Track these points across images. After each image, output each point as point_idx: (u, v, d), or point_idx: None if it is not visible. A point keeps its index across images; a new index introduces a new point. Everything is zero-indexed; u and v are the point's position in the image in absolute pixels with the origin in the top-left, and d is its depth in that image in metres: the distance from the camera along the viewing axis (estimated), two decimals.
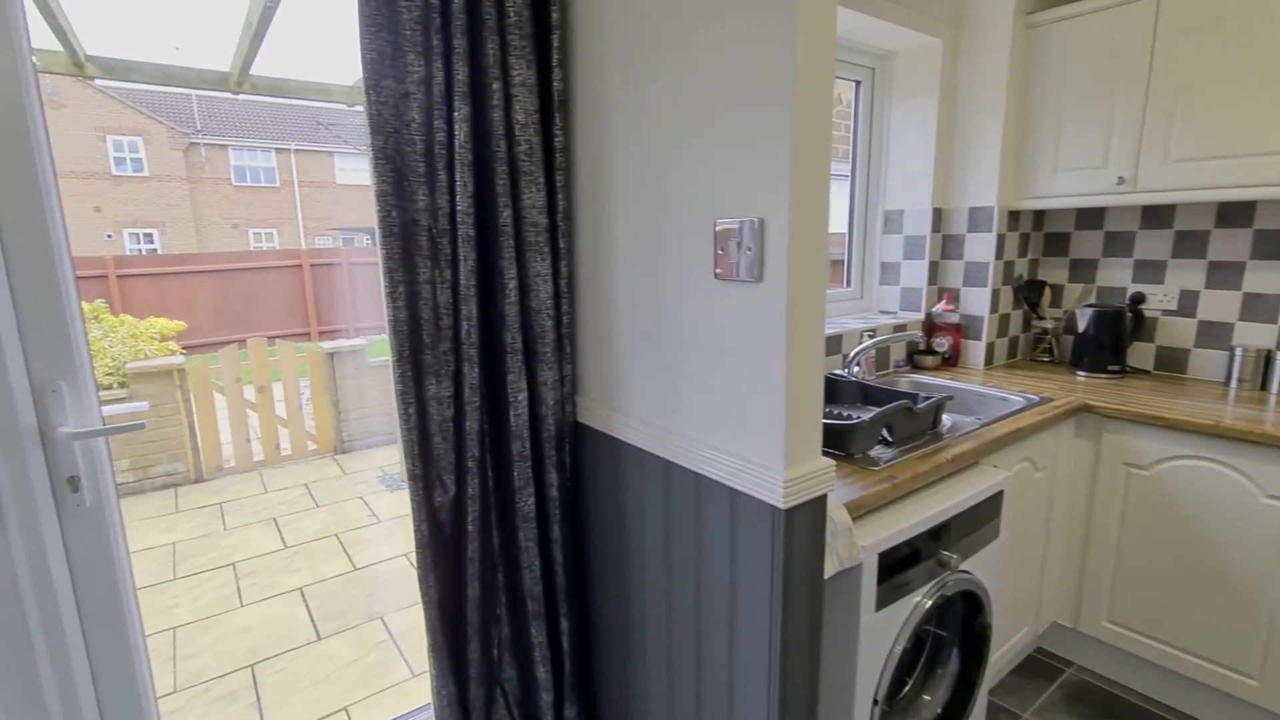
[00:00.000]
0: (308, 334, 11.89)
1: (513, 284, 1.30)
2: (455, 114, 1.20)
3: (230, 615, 2.81)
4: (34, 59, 1.13)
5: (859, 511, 1.27)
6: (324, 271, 11.94)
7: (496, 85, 1.22)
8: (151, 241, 16.94)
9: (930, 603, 1.37)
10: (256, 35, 2.55)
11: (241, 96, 3.48)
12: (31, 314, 1.15)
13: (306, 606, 2.86)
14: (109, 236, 16.33)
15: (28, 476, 1.17)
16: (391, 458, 4.82)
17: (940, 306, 2.46)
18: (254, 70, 3.38)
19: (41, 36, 2.99)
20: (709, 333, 1.10)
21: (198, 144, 17.76)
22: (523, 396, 1.34)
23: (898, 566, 1.29)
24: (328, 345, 4.88)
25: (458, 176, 1.22)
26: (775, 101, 0.91)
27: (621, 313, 1.30)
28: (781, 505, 0.99)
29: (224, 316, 10.93)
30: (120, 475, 4.17)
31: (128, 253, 16.17)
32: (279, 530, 3.65)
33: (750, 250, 0.98)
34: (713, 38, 1.00)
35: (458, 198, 1.23)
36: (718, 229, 1.04)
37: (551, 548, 1.45)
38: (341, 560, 3.27)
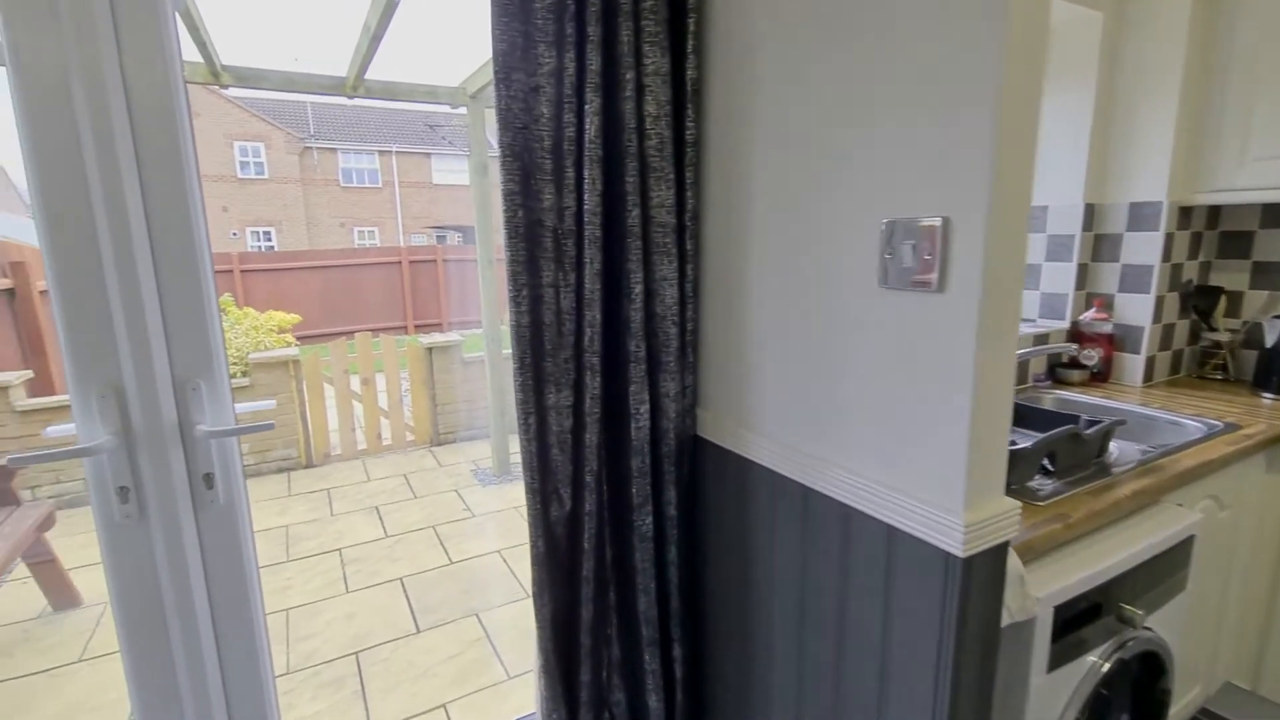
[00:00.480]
0: (404, 327, 12.48)
1: (639, 288, 1.21)
2: (586, 107, 1.13)
3: (337, 600, 2.91)
4: (183, 70, 1.14)
5: (1027, 555, 1.10)
6: (420, 268, 12.49)
7: (629, 75, 1.14)
8: (270, 239, 18.37)
9: (1108, 666, 1.17)
10: (375, 37, 2.61)
11: (355, 100, 3.61)
12: (176, 314, 1.17)
13: (406, 597, 2.92)
14: (234, 234, 17.83)
15: (169, 472, 1.20)
16: (483, 452, 4.92)
17: (1089, 315, 2.19)
18: (367, 75, 3.50)
19: (186, 49, 3.22)
20: (869, 349, 0.97)
21: (311, 148, 19.07)
22: (645, 409, 1.26)
23: (1075, 622, 1.11)
24: (426, 340, 5.04)
25: (586, 174, 1.15)
26: (973, 74, 0.77)
27: (756, 321, 1.19)
28: (959, 553, 0.85)
29: (331, 309, 11.64)
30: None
31: (249, 249, 17.58)
32: (380, 519, 3.78)
33: (929, 255, 0.84)
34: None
35: (585, 196, 1.16)
36: (886, 229, 0.91)
37: (667, 569, 1.36)
38: (438, 553, 3.34)
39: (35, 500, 2.83)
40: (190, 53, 3.21)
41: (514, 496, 4.07)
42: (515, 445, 4.79)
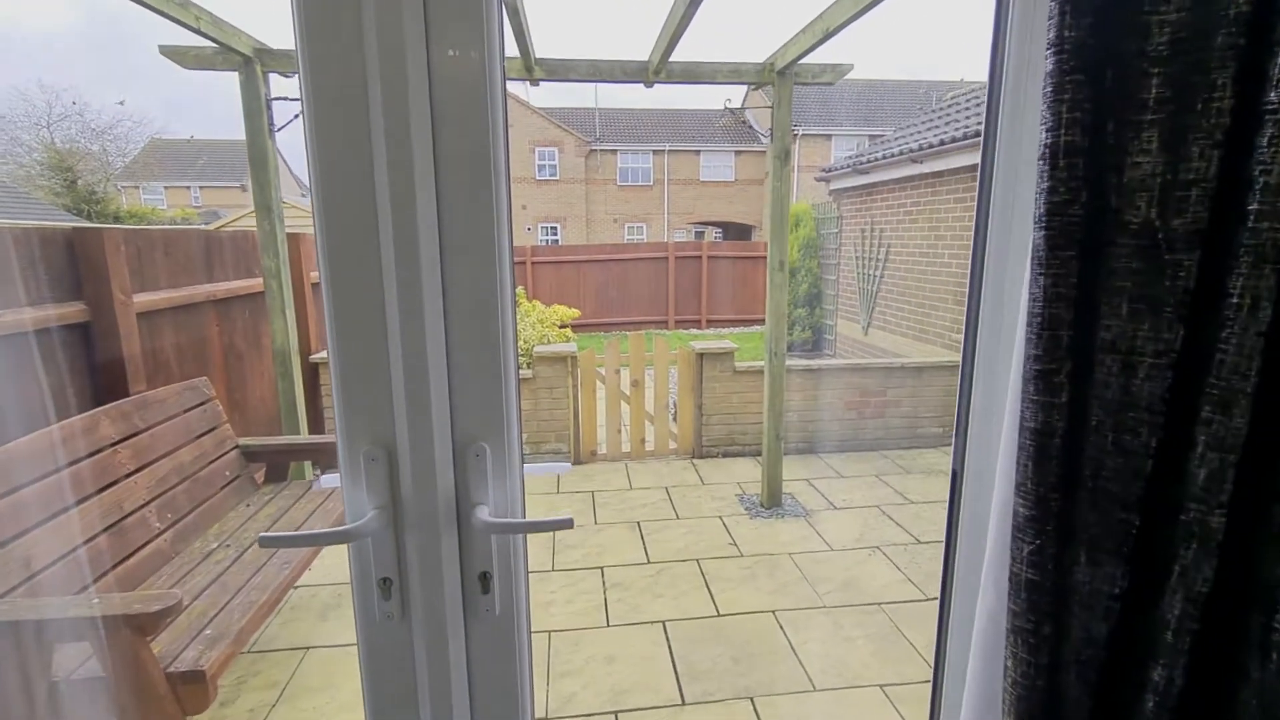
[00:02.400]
0: (665, 321, 12.73)
1: None
2: None
3: (597, 634, 2.65)
4: (504, 72, 0.79)
5: None
6: (684, 264, 12.59)
7: None
8: (555, 234, 20.51)
9: None
10: (692, 2, 2.20)
11: (655, 87, 3.32)
12: (464, 355, 0.81)
13: (670, 649, 2.54)
14: (528, 229, 20.25)
15: (439, 567, 0.86)
16: (748, 474, 4.43)
17: None
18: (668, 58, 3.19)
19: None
20: None
21: (595, 150, 20.74)
22: None
23: None
24: (699, 345, 4.71)
25: (1275, 95, 0.49)
26: None
27: None
28: None
29: (602, 301, 12.35)
30: None
31: (539, 243, 19.80)
32: (642, 538, 3.51)
33: None
34: None
35: (1262, 152, 0.50)
36: None
37: None
38: (703, 597, 2.92)
39: None
40: (509, 47, 3.21)
41: (786, 539, 3.49)
42: (790, 473, 4.21)
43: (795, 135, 20.50)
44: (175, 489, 2.39)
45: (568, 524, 0.82)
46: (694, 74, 3.36)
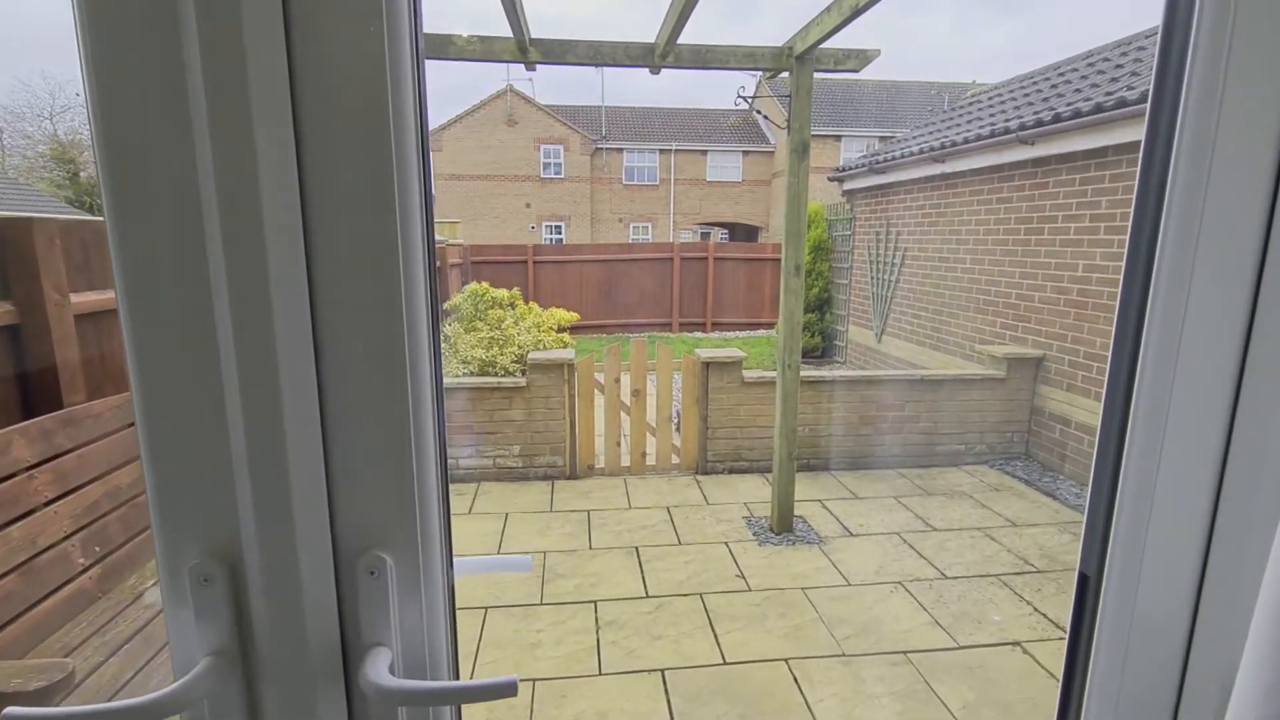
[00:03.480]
0: (669, 324, 12.41)
1: None
2: None
3: (588, 685, 2.35)
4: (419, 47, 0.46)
5: None
6: (689, 265, 12.28)
7: None
8: (559, 233, 20.21)
9: None
10: None
11: (662, 72, 3.01)
12: (346, 410, 0.52)
13: (669, 704, 2.23)
14: (531, 228, 19.95)
15: None
16: (756, 493, 4.12)
17: None
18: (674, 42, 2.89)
19: (498, 23, 2.99)
20: None
21: (601, 149, 20.45)
22: None
23: None
24: (705, 354, 4.40)
25: None
26: None
27: None
28: None
29: (605, 301, 12.05)
30: (511, 460, 4.33)
31: (542, 242, 19.51)
32: (640, 567, 3.20)
33: None
34: None
35: None
36: None
37: None
38: (707, 641, 2.61)
39: None
40: (503, 28, 2.91)
41: (799, 570, 3.18)
42: (800, 492, 3.91)
43: None
44: (107, 517, 2.09)
45: (510, 691, 0.52)
46: (704, 58, 3.05)
